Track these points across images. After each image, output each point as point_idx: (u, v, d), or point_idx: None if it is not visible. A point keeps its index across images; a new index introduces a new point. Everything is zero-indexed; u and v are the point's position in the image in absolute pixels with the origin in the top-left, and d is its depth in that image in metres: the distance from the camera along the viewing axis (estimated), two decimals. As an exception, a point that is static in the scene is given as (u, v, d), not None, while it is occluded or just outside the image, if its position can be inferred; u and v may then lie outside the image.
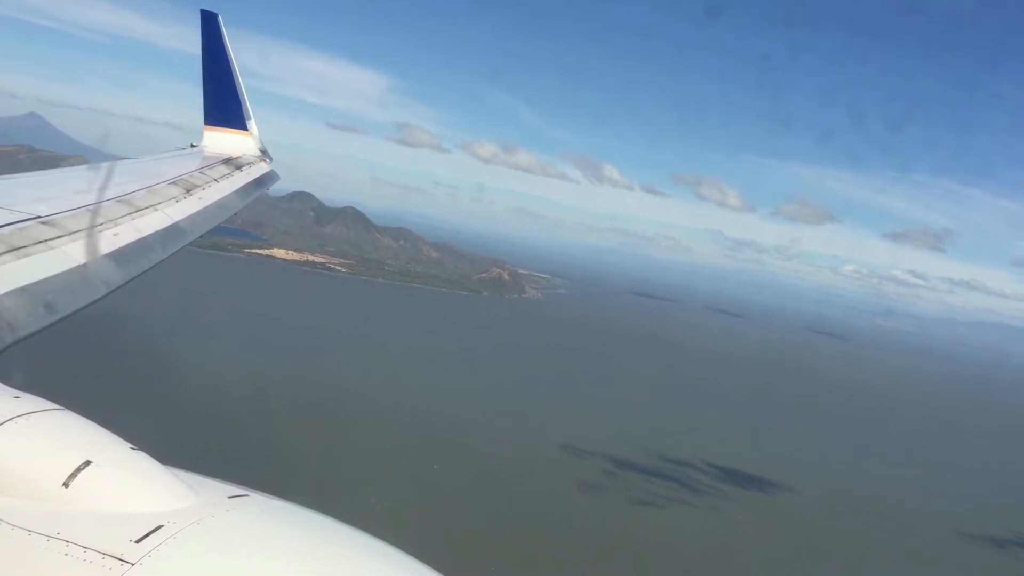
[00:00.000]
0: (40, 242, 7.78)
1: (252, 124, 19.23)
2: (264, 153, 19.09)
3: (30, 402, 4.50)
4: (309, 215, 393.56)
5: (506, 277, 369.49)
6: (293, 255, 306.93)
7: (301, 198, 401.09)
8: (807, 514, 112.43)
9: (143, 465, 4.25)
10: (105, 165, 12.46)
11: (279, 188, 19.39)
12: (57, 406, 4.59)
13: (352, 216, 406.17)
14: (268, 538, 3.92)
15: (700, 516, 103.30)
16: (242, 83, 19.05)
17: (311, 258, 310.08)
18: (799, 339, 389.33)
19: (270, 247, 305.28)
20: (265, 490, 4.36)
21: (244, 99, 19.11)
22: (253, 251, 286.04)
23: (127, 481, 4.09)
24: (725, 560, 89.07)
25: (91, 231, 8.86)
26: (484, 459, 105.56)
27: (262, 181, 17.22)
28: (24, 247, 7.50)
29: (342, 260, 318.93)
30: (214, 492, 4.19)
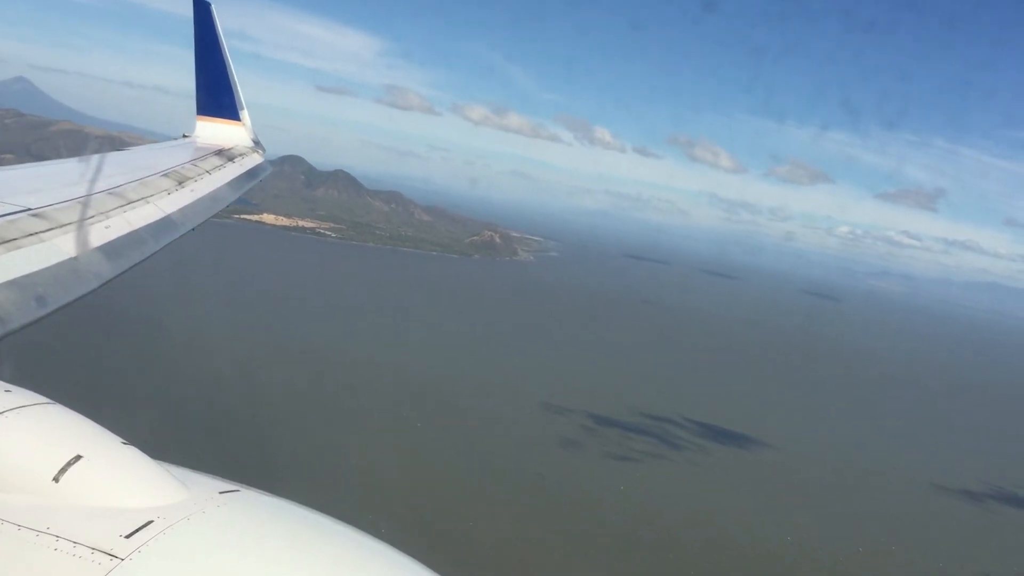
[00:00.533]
0: (31, 234, 7.70)
1: (245, 115, 19.21)
2: (257, 144, 19.08)
3: (21, 396, 4.47)
4: (300, 179, 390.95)
5: (498, 240, 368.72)
6: (283, 220, 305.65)
7: (292, 162, 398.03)
8: (784, 468, 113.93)
9: (134, 460, 4.24)
10: (96, 157, 12.46)
11: (270, 152, 19.64)
12: (48, 400, 4.56)
13: (343, 180, 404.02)
14: (258, 534, 3.91)
15: (676, 470, 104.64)
16: (235, 73, 18.91)
17: (301, 223, 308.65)
18: (790, 300, 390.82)
19: (260, 212, 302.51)
20: (258, 484, 4.35)
21: (237, 89, 19.05)
22: (242, 216, 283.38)
23: (118, 476, 4.09)
24: (698, 511, 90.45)
25: (82, 224, 8.80)
26: (465, 416, 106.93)
27: (254, 173, 17.31)
28: (14, 239, 7.42)
29: (332, 225, 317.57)
30: (205, 487, 4.18)
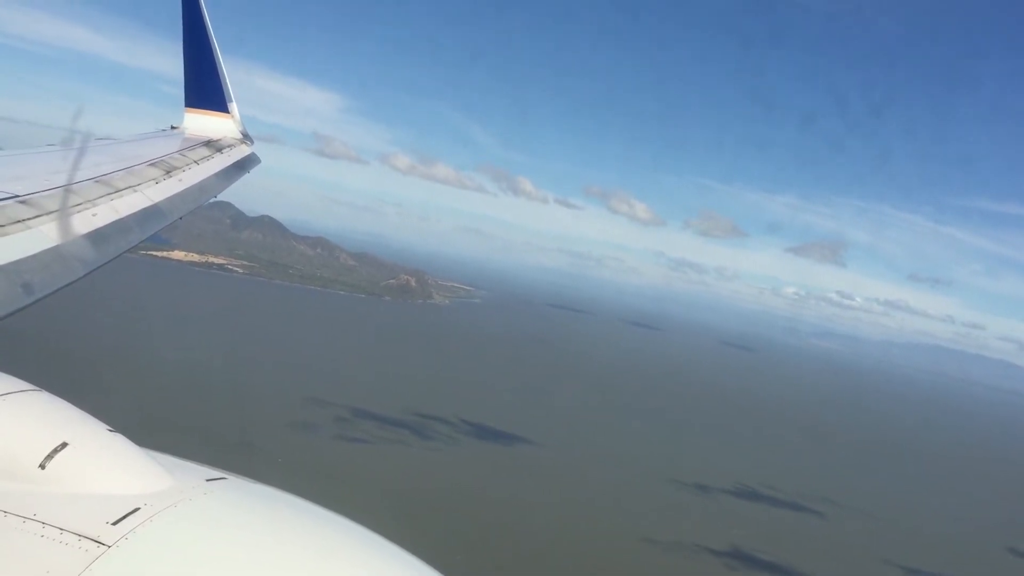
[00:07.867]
0: (17, 221, 7.77)
1: (233, 107, 19.24)
2: (245, 136, 19.19)
3: (7, 383, 4.52)
4: (226, 222, 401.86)
5: (413, 284, 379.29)
6: (193, 256, 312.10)
7: (219, 207, 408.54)
8: (528, 460, 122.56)
9: (120, 447, 4.31)
10: (84, 145, 12.53)
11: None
12: (34, 387, 4.63)
13: (268, 224, 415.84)
14: (245, 521, 3.99)
15: (405, 453, 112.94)
16: (223, 65, 19.08)
17: (212, 260, 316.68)
18: (697, 348, 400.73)
19: (170, 249, 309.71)
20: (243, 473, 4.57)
21: (225, 81, 19.13)
22: (150, 252, 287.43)
23: (104, 463, 4.14)
24: (398, 484, 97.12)
25: (69, 211, 8.94)
26: (221, 399, 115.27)
27: (243, 164, 17.50)
28: (1, 226, 7.49)
29: (245, 263, 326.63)
30: (192, 475, 4.31)
